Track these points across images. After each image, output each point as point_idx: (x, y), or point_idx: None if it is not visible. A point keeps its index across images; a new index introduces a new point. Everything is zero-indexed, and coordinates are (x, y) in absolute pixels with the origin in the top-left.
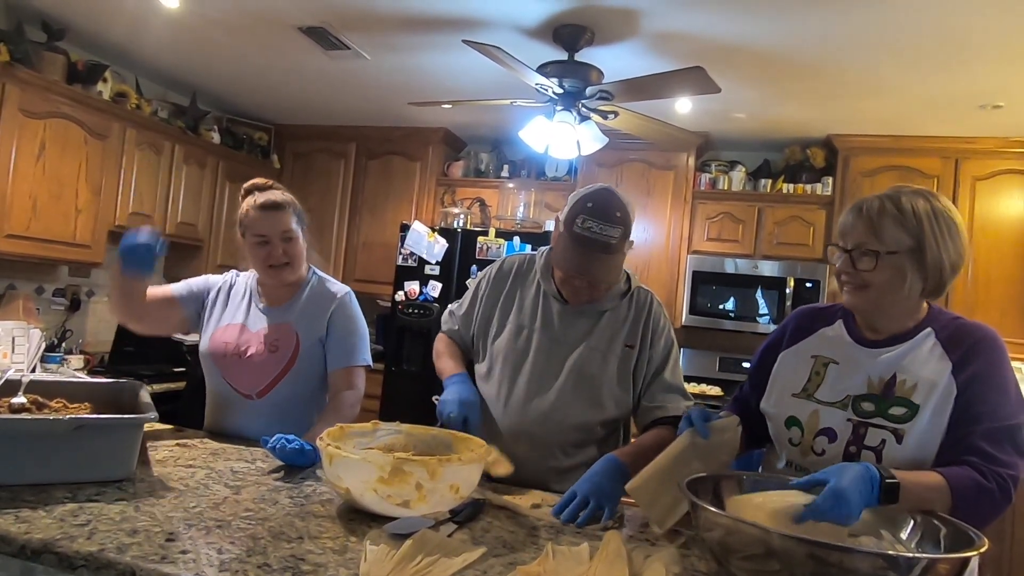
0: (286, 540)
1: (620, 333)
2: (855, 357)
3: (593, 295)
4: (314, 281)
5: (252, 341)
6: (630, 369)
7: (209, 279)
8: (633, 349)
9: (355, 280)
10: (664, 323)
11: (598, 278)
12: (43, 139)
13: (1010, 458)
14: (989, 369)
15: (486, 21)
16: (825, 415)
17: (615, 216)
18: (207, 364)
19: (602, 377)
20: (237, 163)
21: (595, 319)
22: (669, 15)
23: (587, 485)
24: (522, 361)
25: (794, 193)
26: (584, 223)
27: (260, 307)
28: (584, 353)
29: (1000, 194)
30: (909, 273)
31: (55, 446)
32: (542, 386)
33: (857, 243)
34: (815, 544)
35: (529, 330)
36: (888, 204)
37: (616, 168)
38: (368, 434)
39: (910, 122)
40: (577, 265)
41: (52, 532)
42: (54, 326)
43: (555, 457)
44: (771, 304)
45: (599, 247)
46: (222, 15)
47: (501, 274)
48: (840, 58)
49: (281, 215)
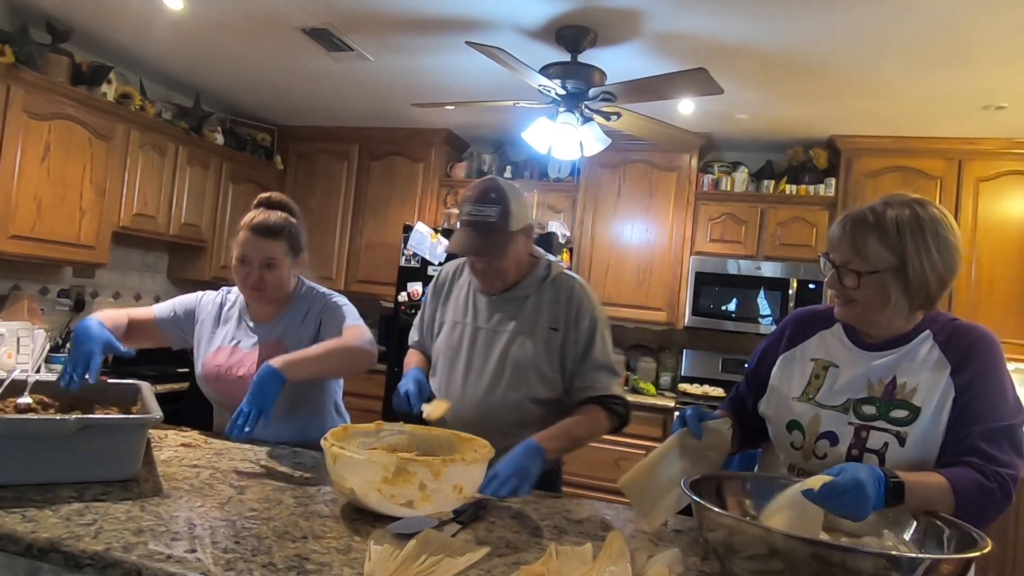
0: (291, 540)
1: (543, 317)
2: (854, 360)
3: (497, 276)
4: (302, 292)
5: (244, 361)
6: (556, 351)
7: (200, 300)
8: (557, 332)
9: (358, 281)
10: (587, 305)
11: (484, 253)
12: (48, 141)
13: (1009, 458)
14: (987, 370)
15: (489, 22)
16: (826, 418)
17: (490, 197)
18: (204, 387)
19: (529, 360)
20: (240, 164)
21: (518, 306)
22: (672, 16)
23: (508, 467)
24: (457, 353)
25: (797, 194)
26: (466, 209)
27: (250, 325)
28: (511, 338)
29: (1003, 195)
30: (893, 291)
31: (61, 446)
32: (475, 374)
33: (842, 260)
34: (818, 544)
35: (462, 324)
36: (871, 218)
37: (619, 169)
38: (372, 435)
39: (913, 123)
40: (465, 245)
41: (58, 531)
42: (58, 327)
43: (495, 439)
44: (774, 305)
45: (480, 227)
46: (226, 17)
47: (439, 281)
48: (843, 59)
49: (268, 243)
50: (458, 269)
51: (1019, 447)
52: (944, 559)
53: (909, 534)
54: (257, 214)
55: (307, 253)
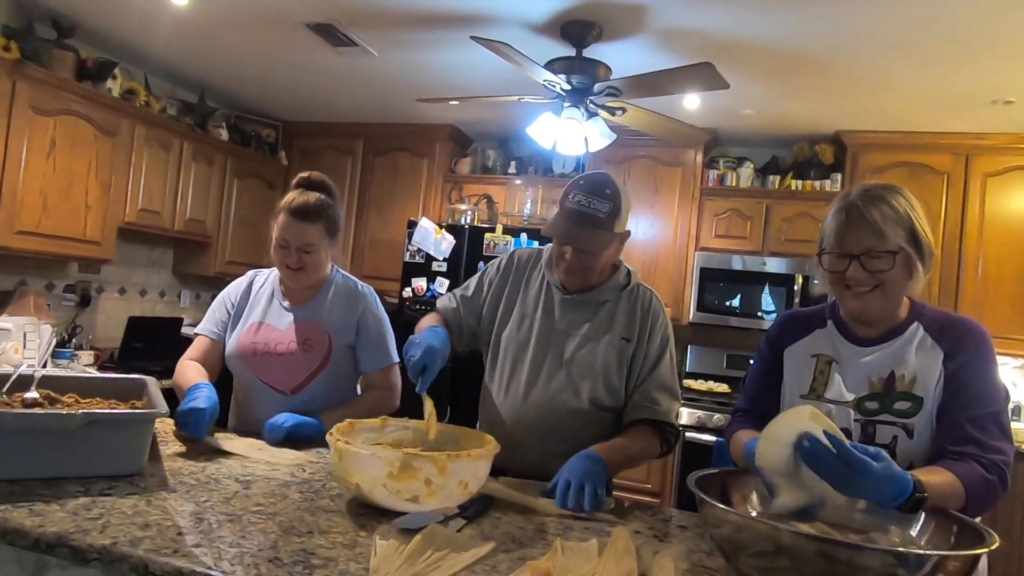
0: (296, 534)
1: (617, 325)
2: (851, 356)
3: (583, 274)
4: (338, 279)
5: (283, 339)
6: (625, 361)
7: (227, 295)
8: (630, 343)
9: (363, 276)
10: (663, 322)
11: (584, 246)
12: (53, 136)
13: (999, 443)
14: (977, 359)
15: (494, 17)
16: (837, 415)
17: (604, 192)
18: (236, 365)
19: (597, 366)
20: (245, 160)
21: (594, 310)
22: (677, 11)
23: (575, 471)
24: (524, 350)
25: (803, 190)
26: (575, 197)
27: (284, 305)
28: (581, 342)
29: (1011, 190)
30: (916, 264)
31: (68, 441)
32: (541, 374)
33: (864, 248)
34: (825, 541)
35: (531, 319)
36: (880, 204)
37: (624, 164)
38: (376, 430)
39: (920, 118)
40: (565, 232)
41: (66, 525)
42: (64, 322)
43: (553, 442)
44: (779, 301)
45: (587, 219)
46: (230, 12)
47: (511, 264)
48: (849, 54)
49: (307, 227)
50: (532, 258)
51: (1007, 431)
52: (951, 555)
53: (915, 530)
54: (296, 196)
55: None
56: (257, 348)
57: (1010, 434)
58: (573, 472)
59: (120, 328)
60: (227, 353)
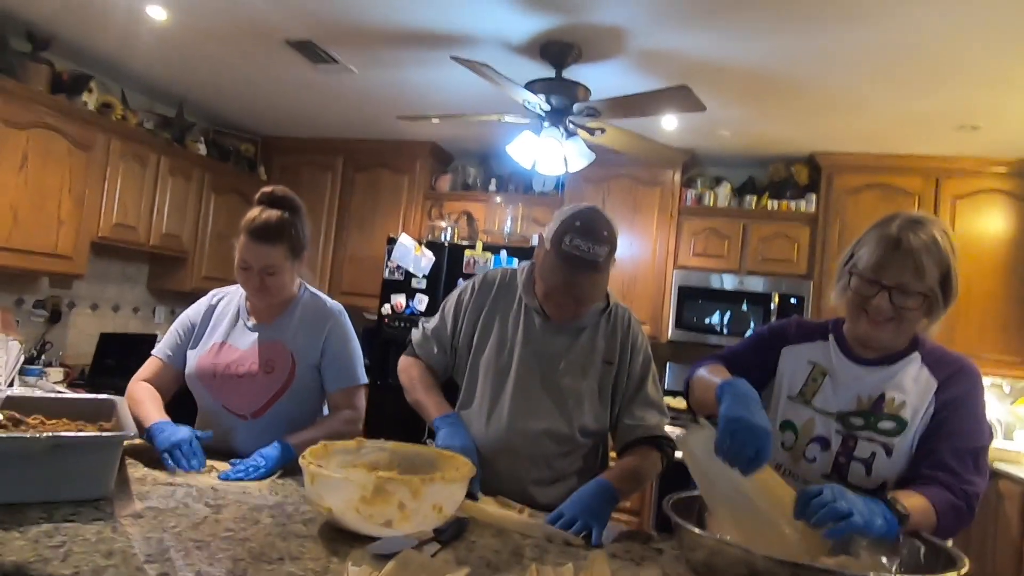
0: (267, 561)
1: (599, 349)
2: (846, 372)
3: (578, 312)
4: (306, 297)
5: (244, 359)
6: (609, 385)
7: (187, 316)
8: (612, 365)
9: (341, 293)
10: (642, 340)
11: (585, 296)
12: (25, 150)
13: (973, 476)
14: (968, 395)
15: (474, 37)
16: (820, 423)
17: (602, 235)
18: (196, 387)
19: (582, 392)
20: (223, 175)
21: (575, 335)
22: (655, 34)
23: (577, 506)
24: (504, 376)
25: (779, 210)
26: (572, 241)
27: (248, 324)
28: (564, 368)
29: (980, 212)
30: (940, 309)
31: (32, 464)
32: (525, 401)
33: (900, 282)
34: (798, 566)
35: (511, 344)
36: (927, 240)
37: (603, 184)
38: (352, 452)
39: (892, 141)
40: (564, 283)
41: (26, 554)
42: (33, 338)
43: (537, 469)
44: (756, 319)
45: (587, 265)
46: (210, 27)
47: (484, 286)
48: (823, 77)
49: (268, 249)
50: (506, 277)
51: (983, 469)
52: None
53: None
54: (258, 214)
55: (309, 250)
56: (217, 369)
57: (986, 473)
58: (582, 509)
59: (91, 344)
60: (187, 374)
